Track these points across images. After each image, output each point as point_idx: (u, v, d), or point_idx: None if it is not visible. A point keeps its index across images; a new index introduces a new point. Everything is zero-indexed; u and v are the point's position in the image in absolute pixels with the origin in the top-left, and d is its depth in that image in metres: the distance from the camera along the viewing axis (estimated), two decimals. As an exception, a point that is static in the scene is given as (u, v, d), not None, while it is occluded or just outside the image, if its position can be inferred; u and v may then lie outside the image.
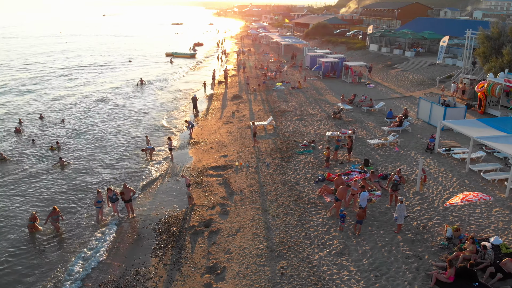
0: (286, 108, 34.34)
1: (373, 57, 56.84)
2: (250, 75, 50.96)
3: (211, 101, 40.14)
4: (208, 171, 22.23)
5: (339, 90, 40.44)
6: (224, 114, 34.32)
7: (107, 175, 22.38)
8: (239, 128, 29.85)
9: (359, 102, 34.00)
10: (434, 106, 28.26)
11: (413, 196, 18.22)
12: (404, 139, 25.65)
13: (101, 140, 28.38)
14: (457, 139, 25.52)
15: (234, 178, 20.97)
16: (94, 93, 43.33)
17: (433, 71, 44.89)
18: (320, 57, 51.91)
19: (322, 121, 30.31)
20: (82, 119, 33.68)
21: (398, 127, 27.00)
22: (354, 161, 22.35)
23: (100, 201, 17.44)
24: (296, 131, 28.28)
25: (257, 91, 42.05)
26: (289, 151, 24.31)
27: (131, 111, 36.47)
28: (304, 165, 22.11)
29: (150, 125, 32.11)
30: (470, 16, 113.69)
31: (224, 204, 18.16)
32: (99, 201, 17.41)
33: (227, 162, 23.15)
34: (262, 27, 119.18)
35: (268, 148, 25.20)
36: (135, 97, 42.27)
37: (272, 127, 29.47)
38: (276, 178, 20.66)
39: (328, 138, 26.09)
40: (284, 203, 17.89)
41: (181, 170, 22.83)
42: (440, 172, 20.83)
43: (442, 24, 63.85)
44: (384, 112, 32.10)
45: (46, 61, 64.85)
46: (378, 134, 26.94)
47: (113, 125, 32.23)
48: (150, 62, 66.57)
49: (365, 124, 29.26)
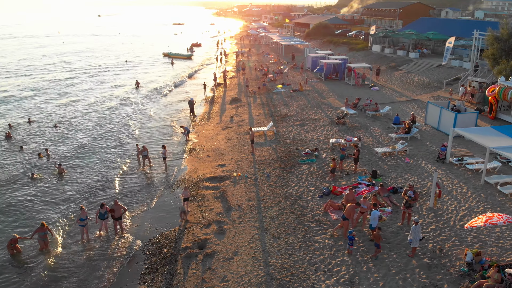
0: (287, 113, 32.84)
1: (376, 58, 55.34)
2: (249, 77, 49.45)
3: (209, 104, 38.64)
4: (204, 182, 20.72)
5: (342, 93, 38.95)
6: (222, 119, 32.81)
7: (98, 187, 20.86)
8: (238, 134, 28.34)
9: (364, 106, 32.48)
10: (443, 112, 26.76)
11: (426, 213, 16.71)
12: (413, 147, 24.14)
13: (92, 148, 26.85)
14: (469, 147, 24.04)
15: (231, 190, 19.46)
16: (88, 96, 41.83)
17: (439, 73, 43.38)
18: (322, 58, 50.40)
19: (325, 126, 28.81)
20: (75, 124, 32.14)
21: (406, 134, 25.50)
22: (361, 172, 20.84)
23: (83, 219, 15.91)
24: (298, 137, 26.78)
25: (256, 93, 40.56)
26: (291, 160, 22.80)
27: (126, 116, 34.94)
28: (307, 176, 20.60)
29: (144, 131, 30.59)
30: (471, 16, 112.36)
31: (221, 222, 16.64)
32: (82, 219, 15.88)
33: (224, 173, 21.63)
34: (262, 27, 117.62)
35: (269, 156, 23.70)
36: (130, 100, 40.71)
37: (273, 133, 27.98)
38: (277, 191, 19.15)
39: (332, 146, 24.59)
40: (286, 221, 16.38)
41: (175, 181, 21.31)
42: (453, 184, 19.33)
43: (447, 24, 62.31)
44: (390, 117, 30.61)
45: (41, 62, 63.30)
46: (385, 141, 25.42)
47: (107, 130, 30.70)
48: (148, 63, 64.98)
49: (370, 130, 27.75)
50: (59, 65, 61.04)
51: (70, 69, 57.35)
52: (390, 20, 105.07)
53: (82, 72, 55.72)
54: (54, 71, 56.00)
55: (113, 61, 65.31)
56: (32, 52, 74.13)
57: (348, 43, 68.55)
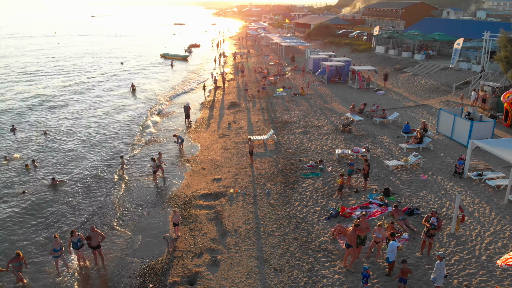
0: (289, 119, 30.86)
1: (379, 60, 53.37)
2: (248, 79, 47.48)
3: (206, 109, 36.65)
4: (197, 200, 18.73)
5: (346, 97, 36.97)
6: (220, 126, 30.81)
7: (85, 204, 18.90)
8: (236, 143, 26.35)
9: (370, 112, 30.49)
10: (457, 120, 24.78)
11: (448, 241, 14.74)
12: (426, 160, 22.16)
13: (83, 158, 24.87)
14: (487, 159, 22.08)
15: (227, 211, 17.47)
16: (80, 101, 39.82)
17: (447, 76, 41.39)
18: (324, 60, 48.42)
19: (330, 134, 26.82)
20: (66, 131, 30.10)
21: (418, 144, 23.51)
22: (371, 188, 18.86)
23: (57, 250, 13.89)
24: (300, 147, 24.80)
25: (256, 98, 38.57)
26: (293, 174, 20.82)
27: (119, 122, 32.95)
28: (311, 193, 18.62)
29: (136, 140, 28.58)
30: (473, 16, 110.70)
31: (214, 250, 14.66)
32: (56, 249, 13.87)
33: (220, 189, 19.64)
34: (262, 27, 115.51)
35: (269, 169, 21.71)
36: (124, 105, 38.70)
37: (273, 142, 26.00)
38: (278, 211, 17.17)
39: (338, 158, 22.60)
40: (289, 250, 14.40)
41: (165, 199, 19.32)
42: (474, 204, 17.36)
43: (453, 25, 60.28)
44: (399, 124, 28.64)
45: (33, 64, 61.30)
46: (395, 152, 23.43)
47: (99, 139, 28.71)
48: (144, 64, 62.91)
49: (379, 139, 25.76)
50: (51, 67, 58.97)
51: (62, 72, 55.30)
52: (392, 20, 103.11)
53: (74, 75, 53.70)
54: (46, 74, 53.95)
55: (108, 63, 63.25)
56: (26, 53, 72.13)
57: (350, 44, 66.57)
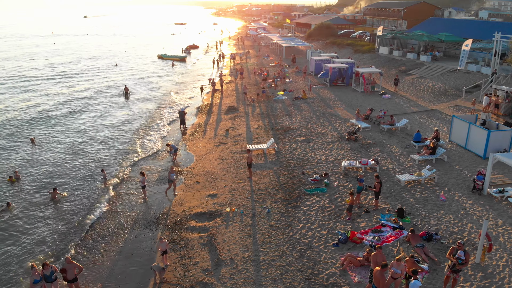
0: (290, 125, 29.02)
1: (384, 61, 51.49)
2: (248, 82, 45.65)
3: (203, 113, 34.80)
4: (189, 221, 16.87)
5: (350, 102, 35.11)
6: (217, 132, 28.95)
7: (66, 226, 17.08)
8: (234, 152, 24.49)
9: (377, 119, 28.64)
10: (473, 129, 22.92)
11: (473, 273, 12.91)
12: (440, 173, 20.31)
13: (70, 170, 23.03)
14: (506, 172, 20.26)
15: (223, 234, 15.62)
16: (71, 105, 37.95)
17: (455, 78, 39.51)
18: (326, 61, 46.59)
19: (334, 143, 24.98)
20: (54, 139, 28.26)
21: (431, 156, 21.67)
22: (383, 208, 17.02)
23: (38, 281, 12.12)
24: (303, 157, 22.95)
25: (255, 101, 36.72)
26: (296, 189, 18.98)
27: (109, 127, 31.13)
28: (317, 213, 16.78)
29: (125, 150, 26.70)
30: (475, 16, 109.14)
31: (207, 285, 12.80)
32: (36, 280, 12.09)
33: (215, 207, 17.79)
34: (262, 27, 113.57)
35: (269, 183, 19.87)
36: (116, 110, 36.85)
37: (274, 151, 24.16)
38: (279, 235, 15.33)
39: (345, 170, 20.76)
40: (292, 284, 12.56)
41: (154, 218, 17.45)
42: (498, 227, 15.52)
43: (459, 25, 58.36)
44: (408, 131, 26.80)
45: (25, 66, 59.48)
46: (406, 164, 21.57)
47: (87, 147, 26.89)
48: (140, 66, 61.01)
49: (388, 149, 23.90)
50: (44, 69, 57.16)
51: (53, 75, 53.37)
52: (394, 20, 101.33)
53: (67, 77, 51.87)
54: (36, 77, 52.12)
55: (102, 65, 61.31)
56: (20, 54, 70.33)
57: (353, 45, 64.65)
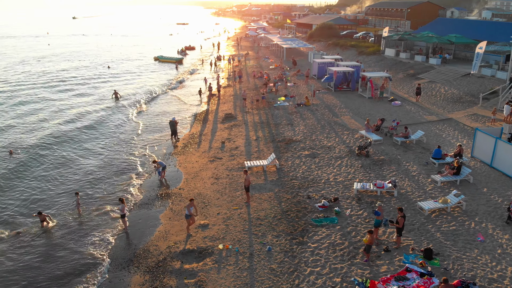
0: (293, 136, 26.26)
1: (390, 64, 48.75)
2: (247, 86, 42.90)
3: (198, 122, 32.04)
4: (174, 261, 14.07)
5: (358, 109, 32.34)
6: (211, 145, 26.18)
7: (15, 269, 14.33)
8: (230, 169, 21.72)
9: (390, 130, 25.88)
10: (500, 145, 20.12)
11: None
12: (467, 197, 17.53)
13: (45, 190, 20.29)
14: (543, 196, 17.52)
15: (213, 281, 12.84)
16: (56, 113, 35.19)
17: (469, 83, 36.74)
18: (330, 64, 43.84)
19: (343, 159, 22.21)
20: (35, 151, 25.47)
21: (454, 176, 18.91)
22: (405, 245, 14.24)
23: None
24: (308, 176, 20.20)
25: (254, 108, 33.96)
26: (302, 219, 16.22)
27: (95, 137, 28.40)
28: (327, 252, 14.01)
29: (106, 166, 23.92)
30: (478, 16, 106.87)
31: None
32: None
33: (206, 242, 15.02)
34: (262, 27, 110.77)
35: (270, 210, 17.10)
36: (103, 117, 34.02)
37: (275, 169, 21.41)
38: (283, 283, 12.54)
39: (358, 194, 18.00)
40: None
41: (133, 256, 14.67)
42: (549, 271, 12.78)
43: (469, 26, 55.52)
44: (425, 145, 24.03)
45: (15, 68, 56.72)
46: (427, 186, 18.79)
47: (68, 159, 24.15)
48: (134, 68, 58.17)
49: (404, 166, 21.11)
50: (33, 71, 54.39)
51: (44, 78, 50.66)
52: (397, 20, 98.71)
53: (56, 81, 49.08)
54: (22, 82, 49.37)
55: (95, 67, 58.49)
56: (11, 56, 67.60)
57: (357, 46, 61.82)
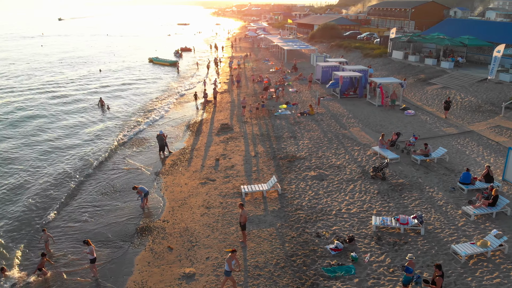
0: (296, 152, 23.25)
1: (398, 68, 45.72)
2: (246, 91, 39.91)
3: (191, 134, 29.03)
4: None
5: (367, 118, 29.33)
6: (204, 162, 23.13)
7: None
8: (224, 196, 18.69)
9: (407, 146, 22.86)
10: (542, 168, 17.18)
11: None
12: (508, 236, 14.50)
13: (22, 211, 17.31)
14: None
15: None
16: (39, 123, 32.19)
17: (487, 90, 33.66)
18: (335, 68, 40.82)
19: (356, 182, 19.20)
20: (8, 164, 22.67)
21: (490, 208, 15.90)
22: (443, 310, 11.27)
23: None
24: (315, 205, 17.18)
25: (253, 118, 30.95)
26: (310, 267, 13.20)
27: (72, 152, 25.41)
28: (343, 318, 11.03)
29: (85, 191, 20.96)
30: (482, 16, 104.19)
31: None
32: None
33: (191, 301, 12.05)
34: (262, 28, 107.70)
35: (271, 254, 14.07)
36: (86, 128, 30.97)
37: (277, 195, 18.42)
38: None
39: (377, 231, 14.98)
40: None
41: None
42: None
43: (481, 27, 52.31)
44: (447, 164, 21.00)
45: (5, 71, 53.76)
46: (457, 220, 15.75)
47: (39, 175, 21.18)
48: (127, 71, 55.07)
49: (427, 193, 18.06)
50: (19, 76, 51.41)
51: (29, 83, 47.69)
52: (400, 20, 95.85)
53: (43, 88, 46.09)
54: (9, 88, 46.42)
55: (86, 69, 55.43)
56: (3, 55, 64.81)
57: (361, 48, 58.71)
